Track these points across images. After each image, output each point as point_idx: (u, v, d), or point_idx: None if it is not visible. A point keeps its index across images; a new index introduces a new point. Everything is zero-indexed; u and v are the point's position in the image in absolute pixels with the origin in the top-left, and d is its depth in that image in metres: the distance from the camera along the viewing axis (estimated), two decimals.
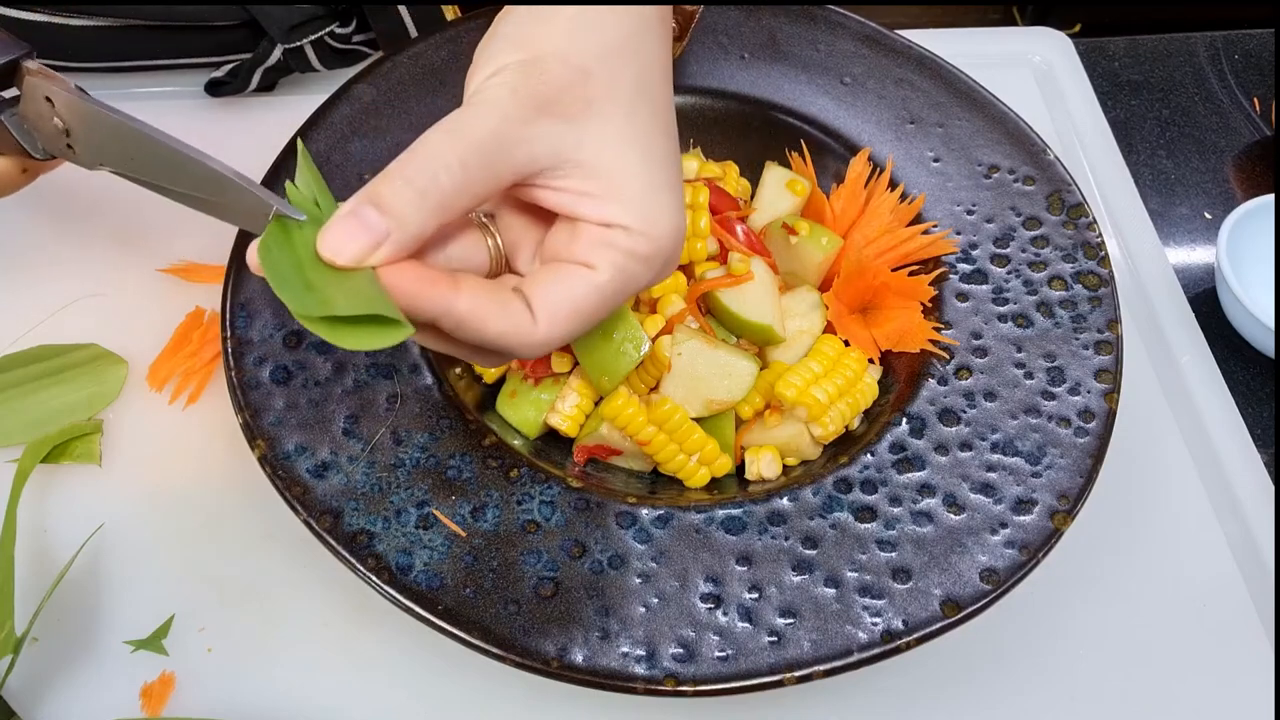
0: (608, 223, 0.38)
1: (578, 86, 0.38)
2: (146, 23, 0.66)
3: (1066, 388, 0.51)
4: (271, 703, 0.49)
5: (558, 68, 0.38)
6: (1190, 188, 0.74)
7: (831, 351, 0.52)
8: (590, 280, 0.38)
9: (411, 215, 0.35)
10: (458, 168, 0.35)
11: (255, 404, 0.48)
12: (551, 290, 0.38)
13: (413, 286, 0.35)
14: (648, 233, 0.38)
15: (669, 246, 0.39)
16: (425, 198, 0.35)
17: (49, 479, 0.55)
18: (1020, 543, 0.46)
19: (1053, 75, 0.76)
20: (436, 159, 0.35)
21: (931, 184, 0.58)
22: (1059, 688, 0.51)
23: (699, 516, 0.47)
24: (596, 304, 0.38)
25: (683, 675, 0.43)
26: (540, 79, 0.38)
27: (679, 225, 0.40)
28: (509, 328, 0.37)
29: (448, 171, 0.35)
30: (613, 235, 0.38)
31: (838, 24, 0.63)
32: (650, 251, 0.39)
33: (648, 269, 0.39)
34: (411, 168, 0.35)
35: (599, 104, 0.39)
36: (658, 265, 0.40)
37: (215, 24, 0.67)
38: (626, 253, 0.38)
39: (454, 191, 0.35)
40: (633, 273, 0.39)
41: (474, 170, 0.36)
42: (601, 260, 0.38)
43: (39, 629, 0.50)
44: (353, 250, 0.35)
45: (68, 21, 0.65)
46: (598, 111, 0.38)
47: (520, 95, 0.37)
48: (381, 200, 0.35)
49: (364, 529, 0.45)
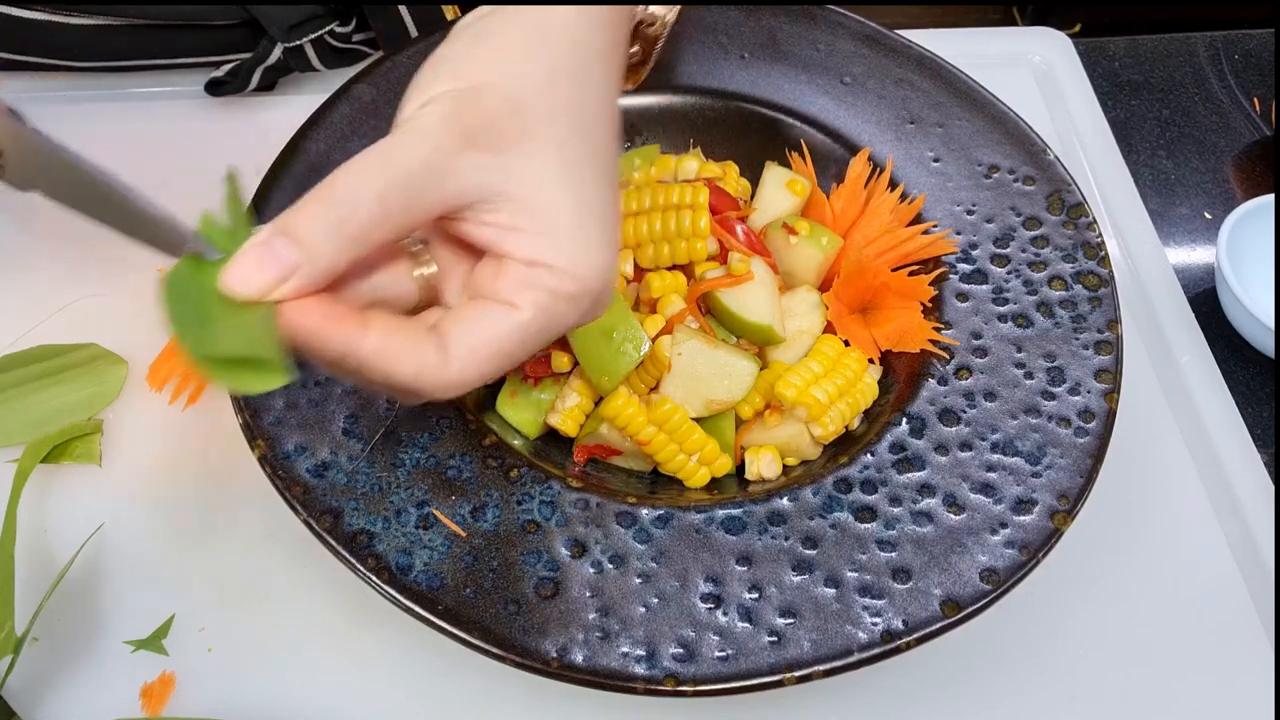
0: (533, 260, 0.37)
1: (512, 119, 0.37)
2: (146, 22, 0.66)
3: (1066, 388, 0.51)
4: (271, 703, 0.49)
5: (492, 99, 0.37)
6: (1190, 188, 0.74)
7: (831, 351, 0.52)
8: (512, 320, 0.37)
9: (324, 248, 0.33)
10: (376, 201, 0.34)
11: (255, 404, 0.48)
12: (471, 329, 0.37)
13: (317, 324, 0.34)
14: (574, 272, 0.37)
15: (596, 287, 0.38)
16: (340, 230, 0.33)
17: (49, 479, 0.55)
18: (1020, 543, 0.46)
19: (1053, 75, 0.76)
20: (356, 190, 0.34)
21: (931, 184, 0.58)
22: (1059, 688, 0.51)
23: (699, 516, 0.47)
24: (517, 344, 0.37)
25: (683, 675, 0.43)
26: (473, 110, 0.36)
27: (607, 265, 0.38)
28: (419, 369, 0.36)
29: (366, 204, 0.34)
30: (538, 275, 0.37)
31: (838, 24, 0.63)
32: (576, 291, 0.37)
33: (573, 309, 0.38)
34: (329, 198, 0.34)
35: (533, 138, 0.37)
36: (584, 305, 0.38)
37: (215, 23, 0.67)
38: (551, 292, 0.37)
39: (372, 225, 0.34)
40: (557, 313, 0.37)
41: (395, 204, 0.34)
42: (525, 300, 0.37)
43: (39, 629, 0.50)
44: (258, 283, 0.33)
45: (67, 20, 0.65)
46: (531, 145, 0.37)
47: (451, 126, 0.36)
48: (294, 231, 0.33)
49: (364, 529, 0.45)
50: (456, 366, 0.36)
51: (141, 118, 0.69)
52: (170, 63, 0.70)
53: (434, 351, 0.36)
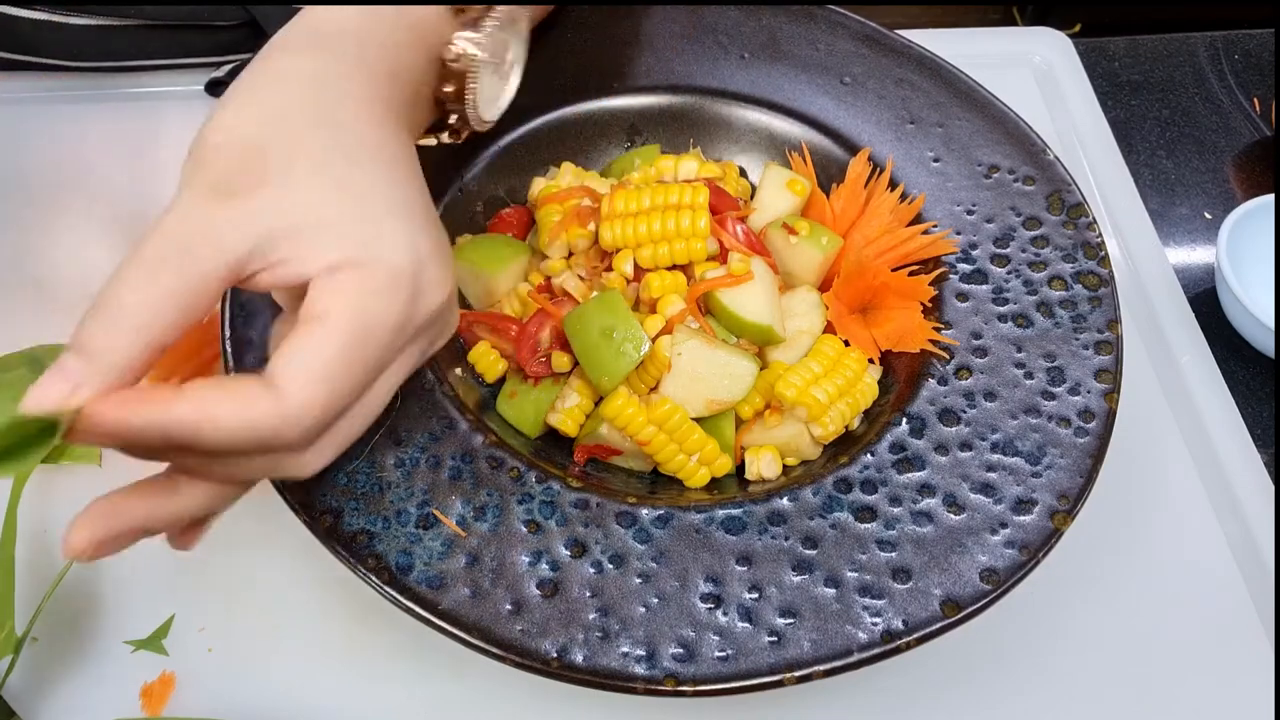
0: (332, 265, 0.35)
1: (251, 164, 0.36)
2: (147, 22, 0.66)
3: (1066, 388, 0.51)
4: (271, 703, 0.49)
5: (228, 153, 0.36)
6: (1190, 188, 0.74)
7: (831, 351, 0.52)
8: (325, 327, 0.35)
9: (113, 347, 0.33)
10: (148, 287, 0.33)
11: None
12: (289, 356, 0.34)
13: (118, 409, 0.33)
14: (378, 260, 0.36)
15: (409, 270, 0.36)
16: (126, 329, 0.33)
17: (49, 479, 0.55)
18: (1020, 543, 0.46)
19: (1053, 75, 0.76)
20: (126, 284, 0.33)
21: (931, 184, 0.58)
22: (1059, 688, 0.51)
23: (699, 516, 0.47)
24: (340, 350, 0.35)
25: (683, 675, 0.43)
26: (209, 168, 0.36)
27: (412, 246, 0.37)
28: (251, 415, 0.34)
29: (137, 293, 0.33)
30: (340, 279, 0.35)
31: (838, 24, 0.63)
32: (387, 279, 0.36)
33: (393, 299, 0.36)
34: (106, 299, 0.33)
35: (280, 170, 0.36)
36: (404, 293, 0.36)
37: (215, 23, 0.67)
38: (357, 290, 0.35)
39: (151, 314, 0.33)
40: (372, 308, 0.36)
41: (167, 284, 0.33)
42: (332, 306, 0.35)
43: (39, 629, 0.50)
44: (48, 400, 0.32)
45: (68, 20, 0.65)
46: (282, 177, 0.36)
47: (196, 190, 0.35)
48: (81, 343, 0.33)
49: (364, 529, 0.45)
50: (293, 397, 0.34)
51: (141, 118, 0.69)
52: (170, 63, 0.70)
53: (260, 390, 0.34)
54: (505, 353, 0.54)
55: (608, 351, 0.50)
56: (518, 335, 0.53)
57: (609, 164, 0.62)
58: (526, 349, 0.52)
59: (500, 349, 0.54)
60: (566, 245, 0.55)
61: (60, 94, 0.70)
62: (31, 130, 0.68)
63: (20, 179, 0.65)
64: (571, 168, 0.59)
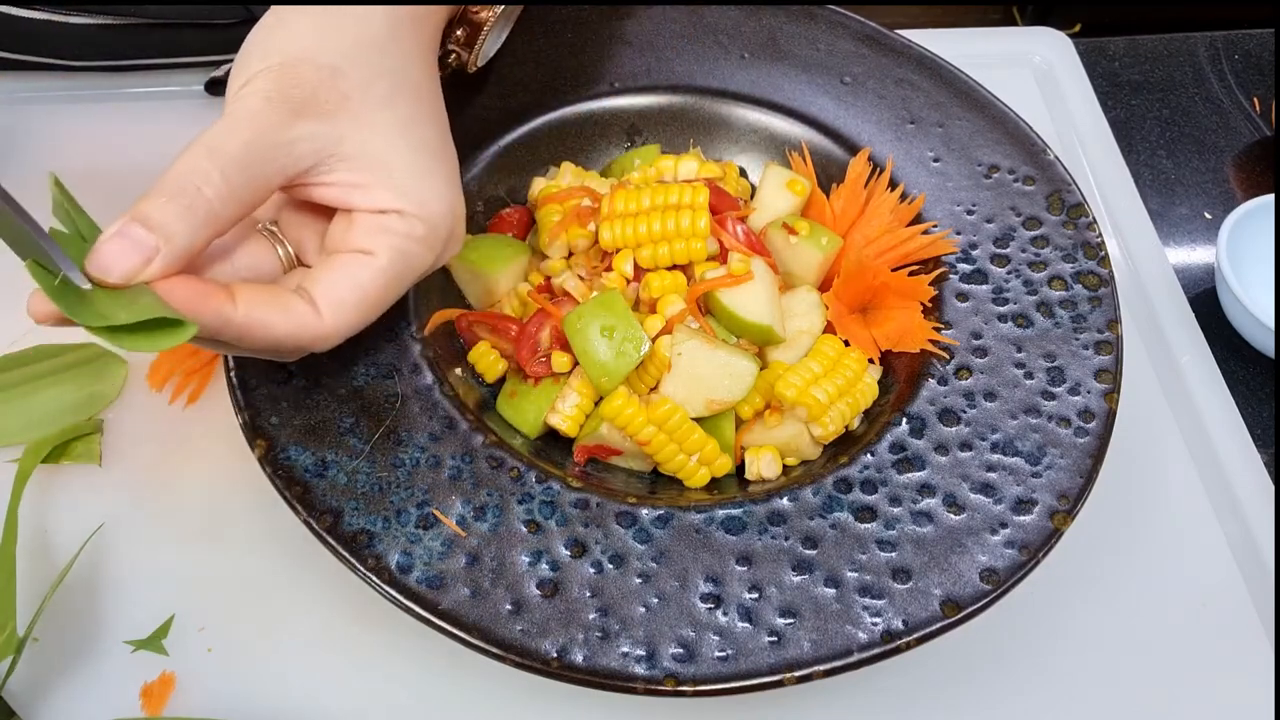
0: (381, 209, 0.39)
1: (330, 84, 0.39)
2: (146, 21, 0.66)
3: (1066, 388, 0.51)
4: (271, 703, 0.49)
5: (308, 69, 0.39)
6: (1190, 188, 0.74)
7: (831, 351, 0.52)
8: (371, 266, 0.39)
9: (179, 230, 0.35)
10: (220, 180, 0.36)
11: (255, 404, 0.48)
12: (334, 282, 0.39)
13: (187, 301, 0.36)
14: (421, 214, 0.40)
15: (444, 226, 0.41)
16: (191, 213, 0.35)
17: (49, 479, 0.55)
18: (1020, 543, 0.46)
19: (1053, 75, 0.76)
20: (198, 174, 0.36)
21: (931, 184, 0.58)
22: (1059, 688, 0.51)
23: (699, 516, 0.47)
24: (380, 288, 0.40)
25: (683, 675, 0.43)
26: (292, 82, 0.38)
27: (451, 206, 0.42)
28: (294, 327, 0.38)
29: (210, 185, 0.36)
30: (387, 220, 0.40)
31: (838, 24, 0.63)
32: (426, 232, 0.40)
33: (428, 249, 0.41)
34: (174, 184, 0.36)
35: (355, 99, 0.39)
36: (437, 245, 0.41)
37: (215, 22, 0.67)
38: (404, 236, 0.40)
39: (220, 203, 0.36)
40: (413, 254, 0.40)
41: (236, 181, 0.36)
42: (379, 245, 0.39)
43: (39, 629, 0.50)
44: (123, 268, 0.35)
45: (67, 20, 0.65)
46: (355, 106, 0.39)
47: (274, 101, 0.38)
48: (148, 218, 0.35)
49: (364, 529, 0.45)
50: (330, 317, 0.39)
51: (141, 118, 0.69)
52: (170, 62, 0.70)
53: (304, 308, 0.39)
54: (505, 353, 0.54)
55: (608, 351, 0.50)
56: (518, 335, 0.53)
57: (609, 164, 0.62)
58: (526, 349, 0.52)
59: (500, 349, 0.54)
60: (566, 245, 0.56)
61: (60, 94, 0.70)
62: (31, 130, 0.68)
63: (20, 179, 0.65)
64: (571, 168, 0.59)
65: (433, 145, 0.42)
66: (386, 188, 0.40)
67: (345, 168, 0.39)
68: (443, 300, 0.54)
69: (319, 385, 0.49)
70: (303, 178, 0.39)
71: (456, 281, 0.56)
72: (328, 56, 0.39)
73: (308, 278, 0.40)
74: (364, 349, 0.50)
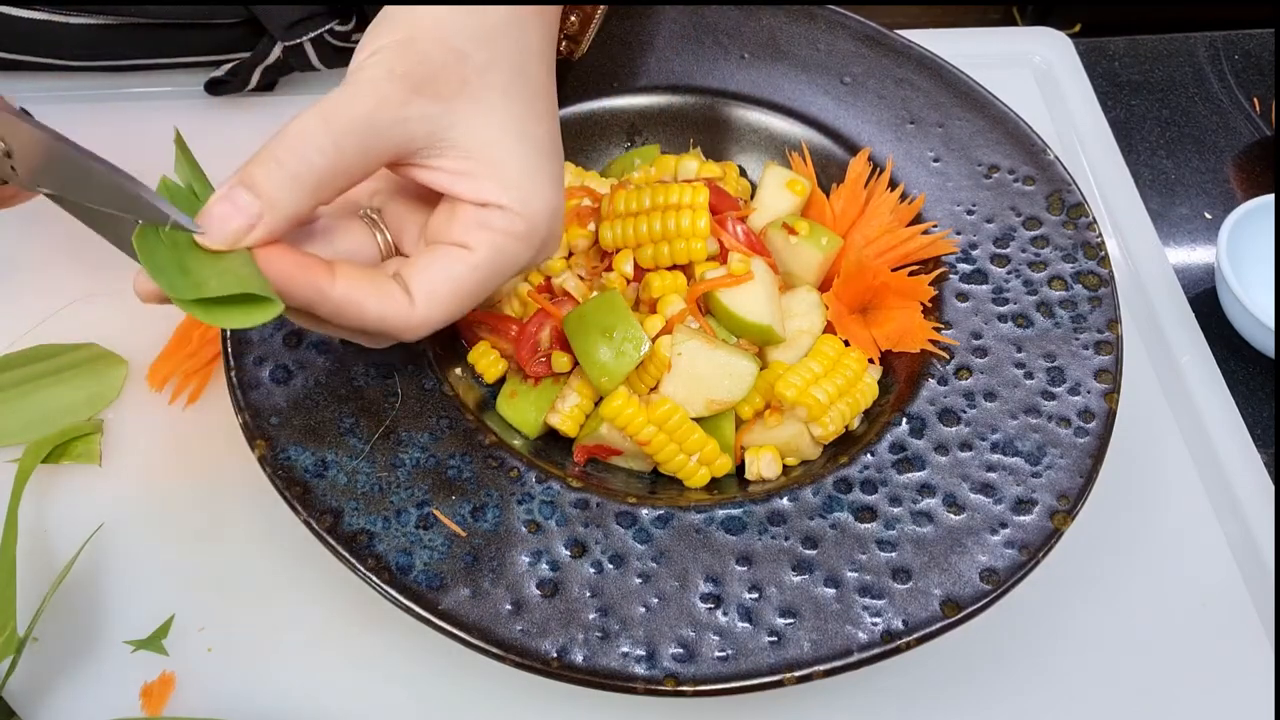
0: (484, 202, 0.39)
1: (453, 67, 0.39)
2: (146, 21, 0.66)
3: (1066, 388, 0.51)
4: (271, 703, 0.49)
5: (434, 49, 0.38)
6: (1190, 188, 0.74)
7: (831, 351, 0.52)
8: (467, 261, 0.39)
9: (284, 197, 0.35)
10: (331, 149, 0.36)
11: (255, 404, 0.48)
12: (430, 273, 0.39)
13: (287, 271, 0.36)
14: (523, 212, 0.39)
15: (545, 226, 0.40)
16: (298, 180, 0.35)
17: (49, 479, 0.55)
18: (1020, 543, 0.46)
19: (1053, 75, 0.76)
20: (309, 140, 0.36)
21: (931, 184, 0.58)
22: (1059, 688, 0.51)
23: (699, 516, 0.47)
24: (475, 283, 0.39)
25: (683, 675, 0.43)
26: (416, 59, 0.38)
27: (555, 206, 0.41)
28: (387, 312, 0.38)
29: (321, 153, 0.36)
30: (489, 215, 0.39)
31: (838, 24, 0.63)
32: (526, 230, 0.40)
33: (526, 248, 0.40)
34: (284, 149, 0.36)
35: (474, 85, 0.39)
36: (535, 244, 0.40)
37: (215, 21, 0.67)
38: (503, 232, 0.39)
39: (328, 173, 0.36)
40: (511, 252, 0.40)
41: (348, 151, 0.36)
42: (478, 240, 0.39)
43: (39, 629, 0.50)
44: (226, 232, 0.35)
45: (68, 20, 0.65)
46: (473, 93, 0.39)
47: (396, 76, 0.38)
48: (254, 183, 0.35)
49: (364, 529, 0.45)
50: (422, 307, 0.39)
51: (141, 118, 0.69)
52: (170, 62, 0.70)
53: (399, 294, 0.38)
54: (505, 353, 0.54)
55: (608, 351, 0.50)
56: (518, 335, 0.53)
57: (609, 164, 0.62)
58: (526, 349, 0.52)
59: (500, 349, 0.54)
60: (566, 245, 0.55)
61: (60, 94, 0.70)
62: None
63: None
64: (571, 168, 0.59)
65: (542, 143, 0.41)
66: (492, 180, 0.39)
67: (454, 154, 0.39)
68: None
69: (319, 385, 0.49)
70: (411, 157, 0.39)
71: None
72: (456, 39, 0.39)
73: (405, 265, 0.40)
74: (364, 349, 0.50)
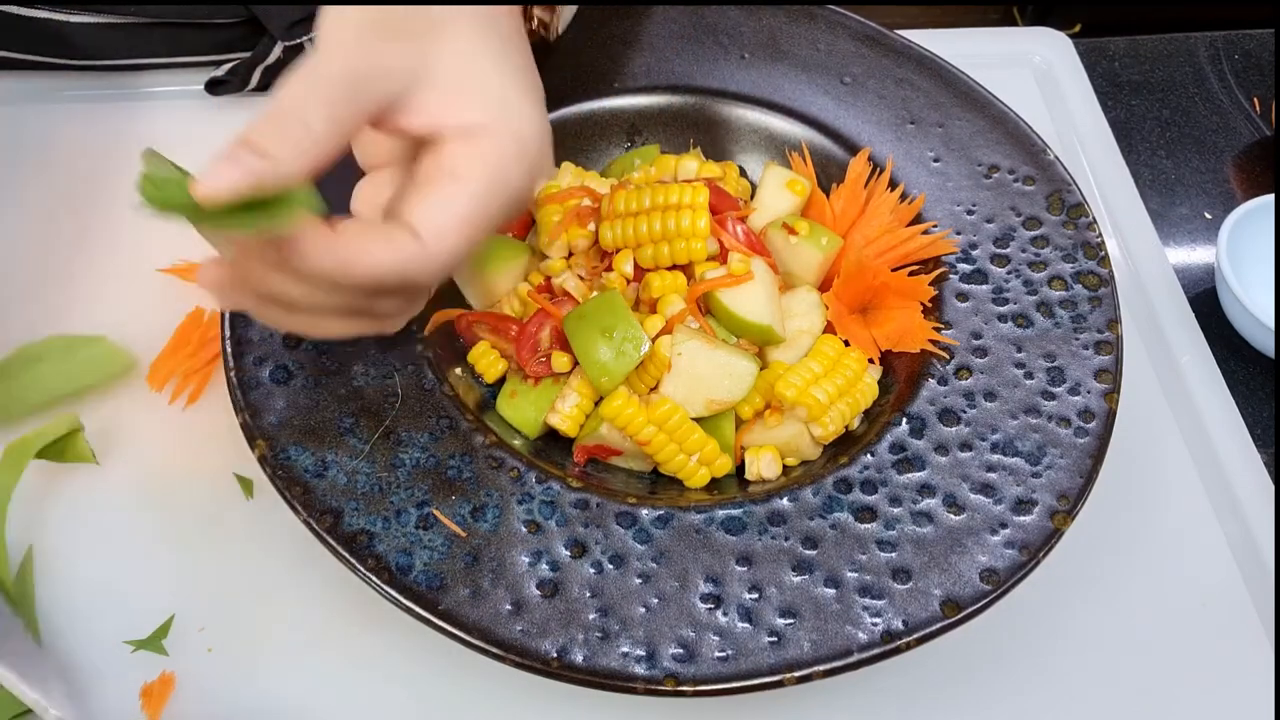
0: (469, 126, 0.39)
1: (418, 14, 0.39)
2: (147, 20, 0.66)
3: (1066, 388, 0.51)
4: (271, 703, 0.49)
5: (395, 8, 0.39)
6: (1190, 188, 0.74)
7: (831, 351, 0.52)
8: (465, 188, 0.39)
9: (285, 158, 0.36)
10: (324, 108, 0.36)
11: (255, 404, 0.48)
12: (428, 209, 0.39)
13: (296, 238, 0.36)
14: (510, 129, 0.40)
15: (534, 145, 0.41)
16: (298, 141, 0.36)
17: (49, 479, 0.55)
18: (1020, 543, 0.46)
19: (1053, 75, 0.76)
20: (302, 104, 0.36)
21: (931, 184, 0.58)
22: (1059, 688, 0.51)
23: (699, 516, 0.47)
24: (479, 209, 0.39)
25: (683, 675, 0.43)
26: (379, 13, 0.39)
27: (542, 128, 0.41)
28: (401, 255, 0.38)
29: (315, 113, 0.36)
30: (477, 142, 0.39)
31: (838, 24, 0.63)
32: (517, 150, 0.40)
33: (518, 167, 0.40)
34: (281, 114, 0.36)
35: (444, 22, 0.40)
36: (527, 164, 0.40)
37: (215, 21, 0.67)
38: (495, 155, 0.39)
39: (323, 132, 0.36)
40: (505, 173, 0.40)
41: (340, 107, 0.37)
42: (470, 167, 0.39)
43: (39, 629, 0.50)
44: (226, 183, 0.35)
45: (69, 19, 0.65)
46: (444, 28, 0.40)
47: (364, 26, 0.38)
48: (256, 145, 0.36)
49: (364, 529, 0.45)
50: (433, 243, 0.38)
51: (141, 118, 0.69)
52: (170, 62, 0.70)
53: (408, 236, 0.38)
54: (505, 353, 0.54)
55: (608, 351, 0.50)
56: (518, 335, 0.53)
57: (609, 164, 0.61)
58: (526, 349, 0.52)
59: (500, 349, 0.54)
60: (566, 245, 0.55)
61: (60, 94, 0.70)
62: (32, 130, 0.68)
63: (20, 179, 0.65)
64: (571, 168, 0.59)
65: (521, 70, 0.42)
66: (475, 106, 0.39)
67: (437, 89, 0.39)
68: (443, 300, 0.54)
69: (319, 385, 0.49)
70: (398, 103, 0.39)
71: (456, 281, 0.56)
72: None
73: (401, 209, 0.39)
74: (364, 349, 0.50)
